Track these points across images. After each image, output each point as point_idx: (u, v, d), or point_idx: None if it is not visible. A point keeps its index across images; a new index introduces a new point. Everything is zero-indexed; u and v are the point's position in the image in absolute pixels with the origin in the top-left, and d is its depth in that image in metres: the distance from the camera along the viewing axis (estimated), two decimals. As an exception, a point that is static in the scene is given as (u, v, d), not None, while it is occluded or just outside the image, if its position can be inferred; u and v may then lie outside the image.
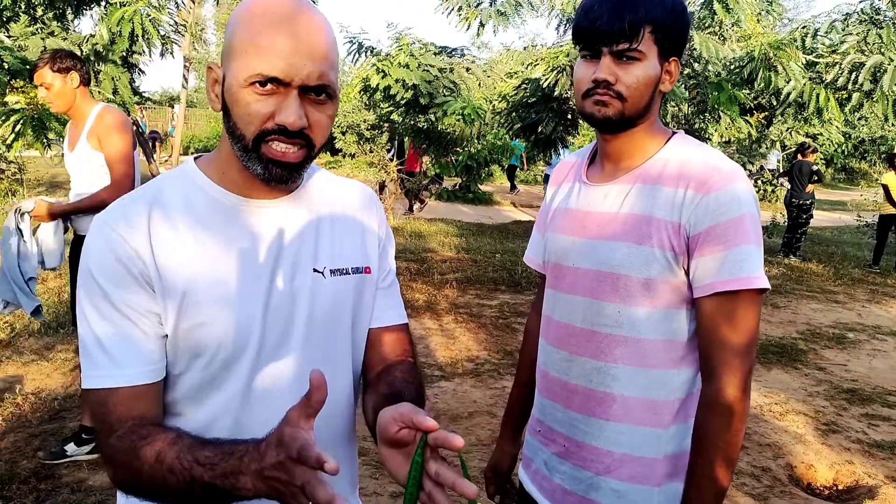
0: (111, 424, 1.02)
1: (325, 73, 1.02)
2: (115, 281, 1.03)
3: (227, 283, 1.07)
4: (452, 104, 10.13)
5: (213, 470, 0.92)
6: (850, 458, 3.98)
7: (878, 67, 8.38)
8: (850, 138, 24.00)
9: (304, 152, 1.05)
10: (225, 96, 1.05)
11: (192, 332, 1.05)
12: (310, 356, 1.14)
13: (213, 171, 1.12)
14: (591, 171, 1.49)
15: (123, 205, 1.09)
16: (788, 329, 6.79)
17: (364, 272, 1.22)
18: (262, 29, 1.00)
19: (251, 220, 1.11)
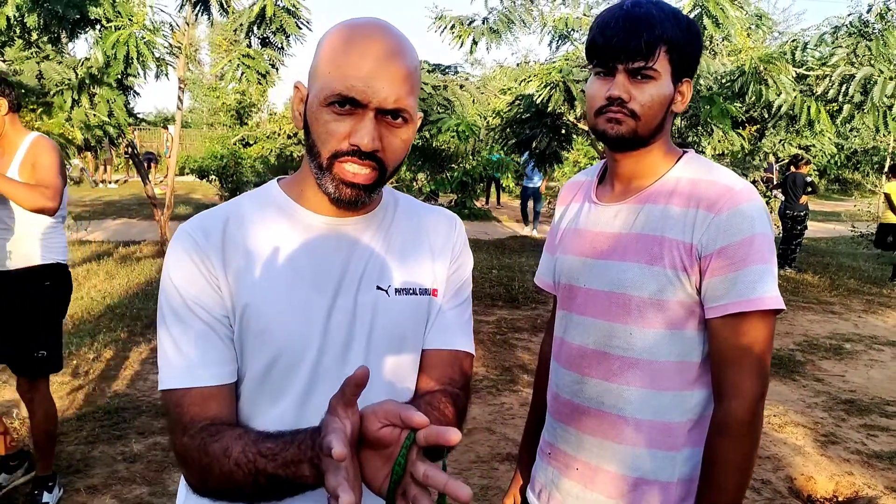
0: (184, 425, 1.05)
1: (402, 98, 1.04)
2: (192, 283, 1.08)
3: (290, 295, 1.10)
4: (447, 121, 10.16)
5: (275, 460, 0.93)
6: (849, 469, 3.98)
7: (868, 79, 8.44)
8: (843, 149, 24.14)
9: (376, 174, 1.07)
10: (307, 115, 1.08)
11: (253, 340, 1.09)
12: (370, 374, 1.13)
13: (292, 190, 1.17)
14: (600, 191, 1.48)
15: (202, 215, 1.14)
16: (786, 340, 6.79)
17: (431, 294, 1.22)
18: (345, 50, 1.03)
19: (322, 236, 1.14)
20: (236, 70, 8.50)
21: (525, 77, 11.13)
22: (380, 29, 1.06)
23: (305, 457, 0.89)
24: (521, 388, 5.04)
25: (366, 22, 1.08)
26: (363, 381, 0.84)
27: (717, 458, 1.28)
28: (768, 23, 11.77)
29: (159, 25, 8.16)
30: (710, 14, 8.84)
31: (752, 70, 8.57)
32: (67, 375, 4.86)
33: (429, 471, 0.79)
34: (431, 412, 1.09)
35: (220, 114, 25.06)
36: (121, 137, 8.61)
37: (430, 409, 1.10)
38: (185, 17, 9.30)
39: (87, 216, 13.23)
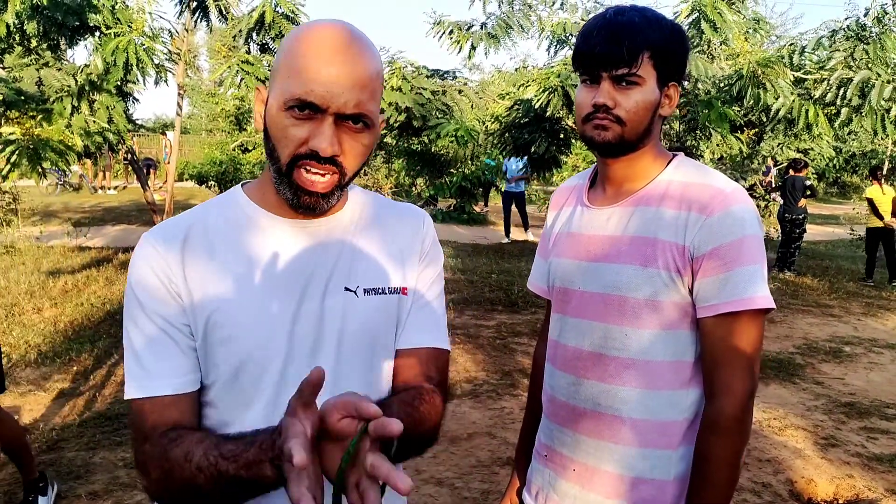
0: (145, 433, 1.05)
1: (362, 102, 1.03)
2: (151, 293, 1.07)
3: (255, 300, 1.09)
4: (445, 126, 10.18)
5: (236, 462, 0.93)
6: (849, 472, 3.98)
7: (866, 83, 8.46)
8: (841, 153, 24.17)
9: (335, 180, 1.06)
10: (266, 118, 1.07)
11: (219, 347, 1.08)
12: (340, 375, 1.13)
13: (256, 194, 1.16)
14: (592, 195, 1.50)
15: (166, 223, 1.14)
16: (785, 344, 6.80)
17: (401, 293, 1.21)
18: (305, 54, 1.02)
19: (287, 239, 1.13)
20: (235, 76, 8.50)
21: (523, 82, 11.16)
22: (341, 32, 1.04)
23: (266, 457, 0.89)
24: (521, 392, 5.04)
25: (328, 24, 1.06)
26: (320, 382, 0.84)
27: (709, 455, 1.30)
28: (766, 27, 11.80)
29: (158, 32, 8.17)
30: (708, 18, 8.87)
31: (750, 74, 8.59)
32: (68, 382, 4.87)
33: (375, 461, 0.80)
34: (403, 408, 1.08)
35: (218, 120, 25.09)
36: (120, 144, 8.62)
37: (403, 406, 1.09)
38: (185, 23, 9.33)
39: (87, 222, 13.24)
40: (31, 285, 7.44)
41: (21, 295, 7.02)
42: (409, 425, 1.00)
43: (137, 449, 1.06)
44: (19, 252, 9.38)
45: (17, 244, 9.82)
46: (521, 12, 10.61)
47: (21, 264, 8.57)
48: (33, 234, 10.86)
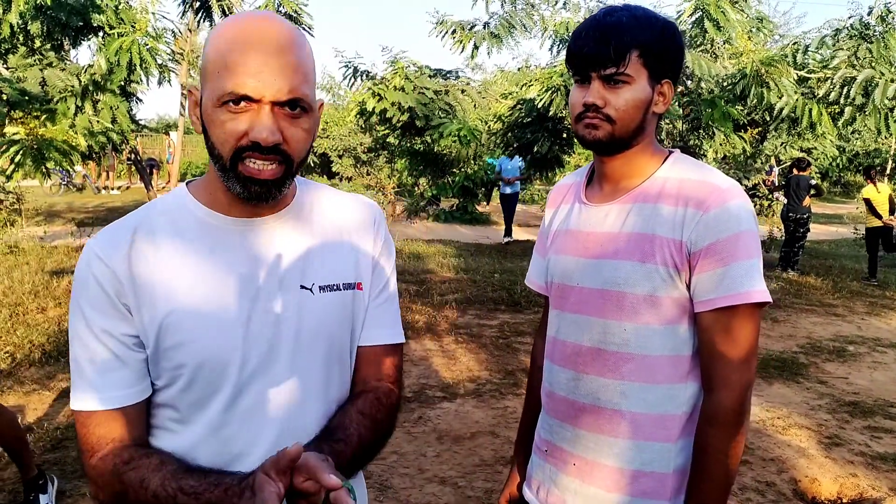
0: (92, 445, 1.06)
1: (296, 88, 1.02)
2: (94, 304, 1.06)
3: (209, 303, 1.08)
4: (448, 126, 10.20)
5: (197, 499, 0.97)
6: (853, 471, 3.97)
7: (870, 81, 8.46)
8: (845, 152, 24.14)
9: (282, 168, 1.05)
10: (203, 117, 1.06)
11: (173, 353, 1.06)
12: (298, 373, 1.14)
13: (202, 194, 1.14)
14: (589, 192, 1.51)
15: (110, 228, 1.11)
16: (789, 343, 6.79)
17: (356, 288, 1.21)
18: (231, 48, 1.01)
19: (237, 239, 1.12)
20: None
21: (526, 81, 11.16)
22: (265, 21, 1.04)
23: (230, 502, 0.94)
24: (524, 391, 5.04)
25: (250, 16, 1.06)
26: (297, 457, 0.91)
27: (708, 448, 1.32)
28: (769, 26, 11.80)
29: (162, 32, 8.19)
30: (712, 17, 8.87)
31: (754, 73, 8.58)
32: (72, 381, 4.88)
33: None
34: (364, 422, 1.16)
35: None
36: (124, 144, 8.64)
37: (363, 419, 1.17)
38: (188, 23, 9.36)
39: (90, 222, 13.27)
40: (35, 285, 7.46)
41: (25, 295, 7.04)
42: (370, 435, 1.16)
43: (86, 461, 1.07)
44: (23, 252, 9.40)
45: (21, 244, 9.83)
46: (523, 12, 10.61)
47: (25, 264, 8.59)
48: (37, 234, 10.89)
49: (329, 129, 22.95)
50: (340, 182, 18.57)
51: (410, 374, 5.35)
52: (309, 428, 1.14)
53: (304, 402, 1.15)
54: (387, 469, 3.74)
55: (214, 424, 1.10)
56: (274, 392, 1.12)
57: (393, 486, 3.55)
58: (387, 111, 10.07)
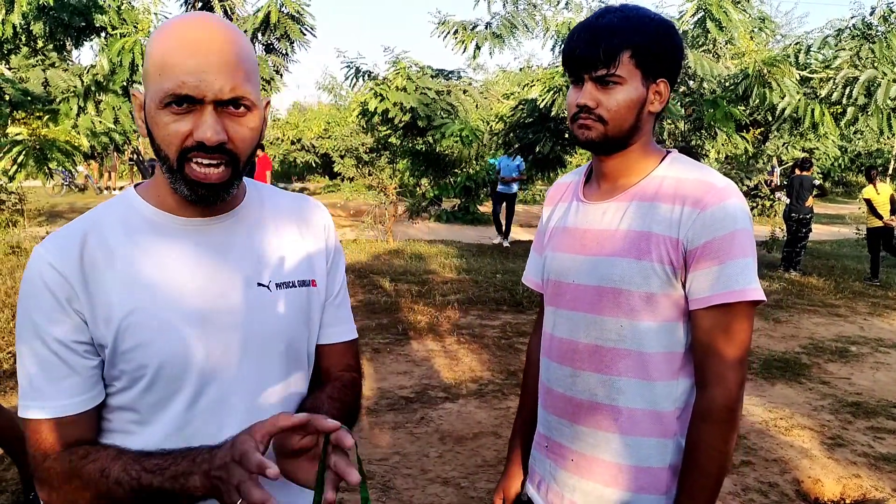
0: (45, 451, 1.06)
1: (238, 86, 1.02)
2: (43, 311, 1.05)
3: (167, 304, 1.08)
4: (450, 126, 10.19)
5: (162, 474, 0.98)
6: (856, 472, 3.97)
7: (872, 82, 8.44)
8: (847, 152, 24.13)
9: (229, 170, 1.05)
10: (147, 120, 1.06)
11: (130, 355, 1.07)
12: (258, 370, 1.16)
13: (151, 195, 1.14)
14: (587, 190, 1.53)
15: (59, 233, 1.10)
16: (791, 344, 6.78)
17: (310, 285, 1.23)
18: (171, 49, 1.01)
19: (190, 240, 1.12)
20: (241, 76, 8.50)
21: (528, 82, 11.16)
22: (204, 21, 1.04)
23: (199, 469, 0.96)
24: (526, 392, 5.05)
25: (189, 17, 1.06)
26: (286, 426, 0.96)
27: (700, 443, 1.34)
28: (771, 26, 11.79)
29: (164, 32, 8.18)
30: (714, 17, 8.86)
31: (756, 73, 8.57)
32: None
33: (337, 460, 0.97)
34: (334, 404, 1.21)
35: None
36: (126, 144, 8.64)
37: (333, 402, 1.21)
38: (190, 24, 9.34)
39: (93, 223, 13.27)
40: (38, 285, 7.47)
41: (27, 295, 7.04)
42: (341, 417, 1.18)
43: (38, 466, 1.06)
44: (25, 252, 9.41)
45: (23, 244, 9.85)
46: (525, 12, 10.61)
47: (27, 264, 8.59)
48: (39, 234, 10.89)
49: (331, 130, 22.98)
50: (342, 182, 18.56)
51: (413, 374, 5.35)
52: None
53: (264, 398, 1.17)
54: (389, 470, 3.74)
55: (176, 424, 1.11)
56: (235, 389, 1.14)
57: (396, 486, 3.55)
58: (389, 111, 10.06)
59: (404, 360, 5.71)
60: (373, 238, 12.77)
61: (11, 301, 6.79)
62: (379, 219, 13.06)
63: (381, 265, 10.02)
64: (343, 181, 18.58)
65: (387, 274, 9.28)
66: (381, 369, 5.44)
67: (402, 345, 6.15)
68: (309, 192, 24.27)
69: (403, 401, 4.76)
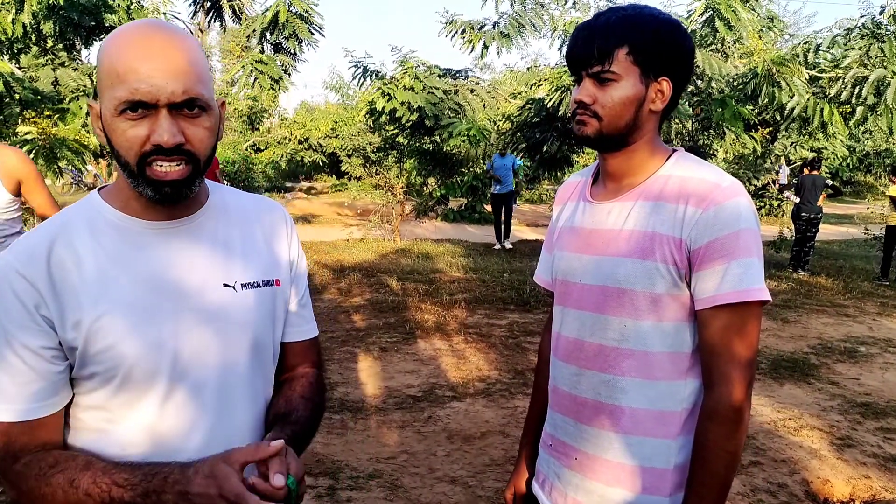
0: (14, 453, 1.07)
1: (190, 88, 1.04)
2: (12, 318, 1.06)
3: (134, 307, 1.09)
4: (458, 125, 10.21)
5: (133, 490, 1.00)
6: (866, 473, 3.95)
7: (882, 81, 8.42)
8: (855, 152, 24.04)
9: (189, 168, 1.07)
10: (105, 129, 1.07)
11: (101, 357, 1.08)
12: (226, 368, 1.18)
13: (116, 200, 1.15)
14: (594, 190, 1.53)
15: (26, 241, 1.11)
16: (800, 344, 6.76)
17: (274, 284, 1.26)
18: (120, 56, 1.03)
19: (156, 243, 1.14)
20: (249, 76, 8.55)
21: (535, 81, 11.17)
22: (150, 27, 1.06)
23: (173, 490, 0.98)
24: (534, 391, 5.04)
25: (137, 25, 1.07)
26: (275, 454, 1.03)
27: (708, 443, 1.33)
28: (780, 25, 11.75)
29: (172, 32, 8.22)
30: (722, 16, 8.84)
31: (765, 72, 8.55)
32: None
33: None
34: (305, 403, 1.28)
35: (231, 119, 25.23)
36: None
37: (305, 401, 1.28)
38: (199, 23, 9.39)
39: (101, 221, 13.32)
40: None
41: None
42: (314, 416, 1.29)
43: (7, 468, 1.07)
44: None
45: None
46: (533, 11, 10.61)
47: (37, 263, 8.63)
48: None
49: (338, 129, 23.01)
50: (350, 181, 18.59)
51: (420, 373, 5.36)
52: (238, 420, 1.20)
53: (233, 395, 1.19)
54: (397, 468, 3.74)
55: (147, 423, 1.12)
56: (204, 388, 1.15)
57: (403, 485, 3.56)
58: (396, 111, 10.07)
59: (412, 359, 5.72)
60: (380, 237, 12.79)
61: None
62: (386, 218, 13.08)
63: (388, 264, 10.03)
64: (350, 180, 18.62)
65: (394, 273, 9.29)
66: (389, 368, 5.44)
67: (409, 344, 6.16)
68: (316, 192, 24.33)
69: (411, 400, 4.77)
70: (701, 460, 1.34)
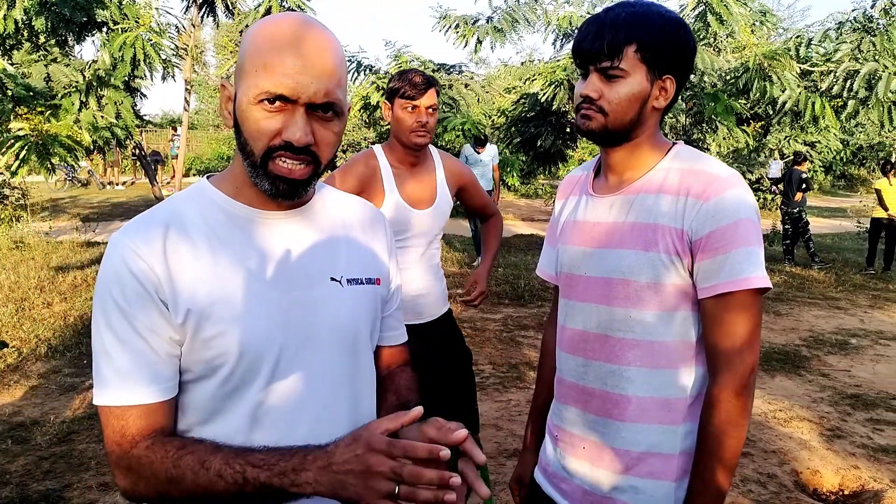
0: (132, 437, 1.05)
1: (331, 91, 1.05)
2: (128, 297, 1.05)
3: (244, 296, 1.09)
4: (452, 120, 10.21)
5: (270, 469, 0.98)
6: (855, 463, 3.99)
7: (873, 74, 8.45)
8: (849, 145, 24.09)
9: (311, 168, 1.08)
10: (236, 113, 1.08)
11: (209, 345, 1.07)
12: (330, 362, 1.18)
13: (228, 187, 1.16)
14: (596, 184, 1.56)
15: (140, 222, 1.11)
16: (791, 336, 6.80)
17: (375, 283, 1.26)
18: (271, 48, 1.03)
19: (267, 232, 1.14)
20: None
21: (530, 76, 11.16)
22: (305, 24, 1.06)
23: (313, 466, 0.96)
24: (527, 384, 5.07)
25: (291, 18, 1.08)
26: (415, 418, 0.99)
27: (713, 430, 1.36)
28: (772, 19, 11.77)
29: (165, 27, 8.22)
30: (714, 11, 8.85)
31: (757, 66, 8.58)
32: (78, 375, 4.91)
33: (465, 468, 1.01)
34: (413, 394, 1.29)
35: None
36: (128, 139, 8.67)
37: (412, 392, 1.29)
38: (191, 18, 9.36)
39: (95, 218, 13.32)
40: (41, 280, 7.51)
41: (31, 290, 7.08)
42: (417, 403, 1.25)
43: (125, 454, 1.05)
44: (29, 247, 9.45)
45: (26, 239, 9.88)
46: (526, 6, 10.61)
47: (31, 259, 8.64)
48: (42, 229, 10.93)
49: (332, 124, 22.94)
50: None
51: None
52: (340, 414, 1.18)
53: (335, 389, 1.18)
54: (391, 461, 3.77)
55: (251, 413, 1.11)
56: (308, 380, 1.15)
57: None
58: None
59: (406, 354, 5.74)
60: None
61: (16, 296, 6.83)
62: (380, 213, 13.06)
63: (383, 259, 10.02)
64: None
65: (388, 268, 9.29)
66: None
67: (403, 338, 6.17)
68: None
69: (405, 394, 4.80)
70: (706, 446, 1.37)
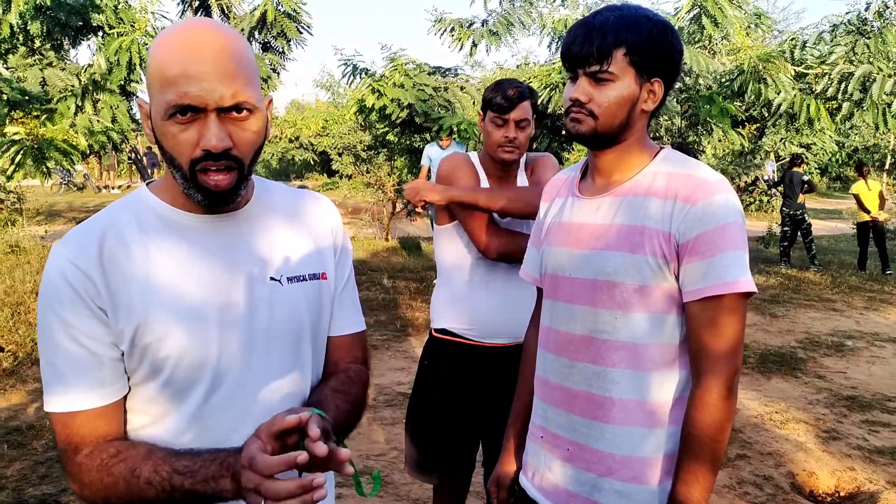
0: (76, 445, 1.08)
1: (238, 91, 1.04)
2: (67, 307, 1.07)
3: (182, 299, 1.11)
4: (448, 119, 10.19)
5: (193, 477, 1.01)
6: (851, 465, 4.00)
7: (867, 77, 8.47)
8: (844, 147, 24.17)
9: (234, 175, 1.08)
10: (154, 130, 1.08)
11: (149, 349, 1.09)
12: (273, 361, 1.19)
13: (165, 193, 1.16)
14: (582, 186, 1.57)
15: (77, 232, 1.13)
16: (787, 338, 6.82)
17: (320, 278, 1.26)
18: (170, 61, 1.03)
19: (204, 237, 1.15)
20: (238, 75, 8.51)
21: (525, 79, 11.16)
22: (199, 28, 1.06)
23: (228, 472, 0.99)
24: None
25: (185, 25, 1.07)
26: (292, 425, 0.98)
27: (695, 433, 1.36)
28: (767, 21, 11.80)
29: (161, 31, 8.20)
30: (709, 13, 8.87)
31: (752, 69, 8.60)
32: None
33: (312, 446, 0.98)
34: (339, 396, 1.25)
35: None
36: (124, 143, 8.66)
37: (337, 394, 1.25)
38: (187, 22, 9.34)
39: (91, 222, 13.26)
40: (37, 284, 7.48)
41: (27, 294, 7.06)
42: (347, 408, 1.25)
43: (69, 460, 1.08)
44: (24, 251, 9.42)
45: (21, 243, 9.85)
46: (522, 9, 10.61)
47: (26, 263, 8.61)
48: (38, 233, 10.90)
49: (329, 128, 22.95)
50: (340, 180, 18.56)
51: (411, 370, 5.37)
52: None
53: (279, 388, 1.20)
54: (387, 465, 3.77)
55: (194, 415, 1.13)
56: (250, 380, 1.17)
57: (394, 481, 3.58)
58: (386, 108, 10.04)
59: (402, 357, 5.74)
60: (371, 235, 12.78)
61: (11, 300, 6.81)
62: (377, 216, 13.07)
63: (380, 262, 10.04)
64: (341, 179, 18.56)
65: (385, 271, 9.30)
66: (380, 366, 5.46)
67: (399, 341, 6.18)
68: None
69: (401, 397, 4.79)
70: (690, 448, 1.37)
